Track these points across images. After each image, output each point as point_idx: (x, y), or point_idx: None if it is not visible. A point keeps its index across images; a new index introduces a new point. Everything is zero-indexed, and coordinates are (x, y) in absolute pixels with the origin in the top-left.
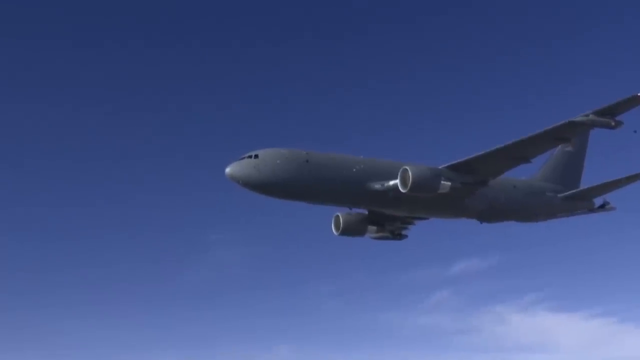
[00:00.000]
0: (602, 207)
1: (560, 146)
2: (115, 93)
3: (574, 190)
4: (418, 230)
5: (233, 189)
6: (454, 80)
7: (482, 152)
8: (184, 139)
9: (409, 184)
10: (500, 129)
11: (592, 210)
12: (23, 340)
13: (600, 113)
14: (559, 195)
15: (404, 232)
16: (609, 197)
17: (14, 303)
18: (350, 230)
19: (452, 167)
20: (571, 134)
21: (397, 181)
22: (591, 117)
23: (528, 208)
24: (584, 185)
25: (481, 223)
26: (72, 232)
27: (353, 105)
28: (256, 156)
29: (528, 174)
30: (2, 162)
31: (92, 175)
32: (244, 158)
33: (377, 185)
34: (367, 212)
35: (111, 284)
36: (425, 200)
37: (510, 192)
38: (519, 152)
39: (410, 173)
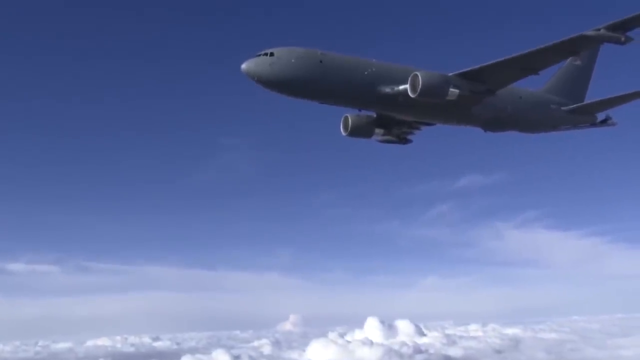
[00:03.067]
0: (604, 122)
1: (569, 60)
2: None
3: (578, 104)
4: (424, 136)
5: (245, 93)
6: None
7: (492, 62)
8: (199, 41)
9: (419, 90)
10: (510, 41)
11: (594, 124)
12: (40, 236)
13: (612, 28)
14: (563, 108)
15: (409, 137)
16: (612, 112)
17: (35, 198)
18: (358, 131)
19: (462, 75)
20: (582, 47)
21: (407, 86)
22: (602, 31)
23: (532, 119)
24: (588, 100)
25: (485, 131)
26: (88, 129)
27: (370, 11)
28: (272, 54)
29: (534, 85)
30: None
31: (107, 76)
32: (260, 55)
33: (387, 89)
34: (375, 115)
35: (123, 182)
36: (433, 106)
37: (515, 103)
38: (528, 64)
39: (420, 79)
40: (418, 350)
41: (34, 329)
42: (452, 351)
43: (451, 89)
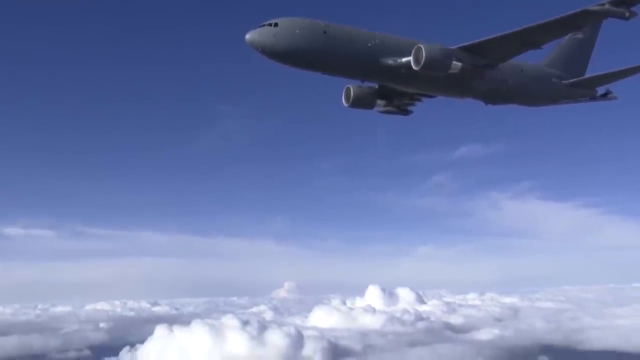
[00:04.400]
0: (605, 96)
1: (570, 34)
2: None
3: (579, 78)
4: (423, 107)
5: (243, 61)
6: None
7: (495, 35)
8: (197, 10)
9: (422, 62)
10: (512, 15)
11: (594, 98)
12: (35, 200)
13: (616, 3)
14: (564, 82)
15: (410, 108)
16: (612, 87)
17: (30, 163)
18: (360, 102)
19: (464, 49)
20: (585, 22)
21: (410, 58)
22: (607, 6)
23: (533, 92)
24: (589, 74)
25: (486, 104)
26: (86, 95)
27: None
28: (276, 24)
29: (535, 59)
30: None
31: (105, 42)
32: (263, 26)
33: (390, 61)
34: (377, 86)
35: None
36: (435, 78)
37: (517, 76)
38: (531, 38)
39: (423, 51)
40: (419, 317)
41: (31, 293)
42: (453, 319)
43: (454, 62)
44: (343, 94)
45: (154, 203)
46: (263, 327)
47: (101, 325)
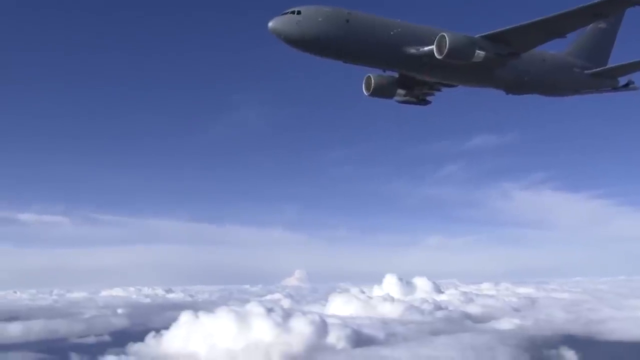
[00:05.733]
0: (626, 86)
1: (593, 23)
2: None
3: (601, 68)
4: (443, 98)
5: (261, 48)
6: None
7: (519, 24)
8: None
9: (445, 51)
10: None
11: (616, 88)
12: (48, 187)
13: None
14: (586, 71)
15: (428, 98)
16: (634, 77)
17: (43, 149)
18: (380, 91)
19: (488, 37)
20: (611, 11)
21: (433, 47)
22: None
23: (555, 82)
24: (611, 64)
25: (507, 94)
26: (100, 82)
27: None
28: (299, 12)
29: (557, 48)
30: None
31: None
32: (286, 13)
33: (412, 50)
34: (397, 76)
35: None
36: (458, 67)
37: (539, 66)
38: (556, 27)
39: (447, 39)
40: (438, 307)
41: (47, 278)
42: (471, 308)
43: (477, 51)
44: (363, 83)
45: (165, 190)
46: (287, 314)
47: (119, 311)
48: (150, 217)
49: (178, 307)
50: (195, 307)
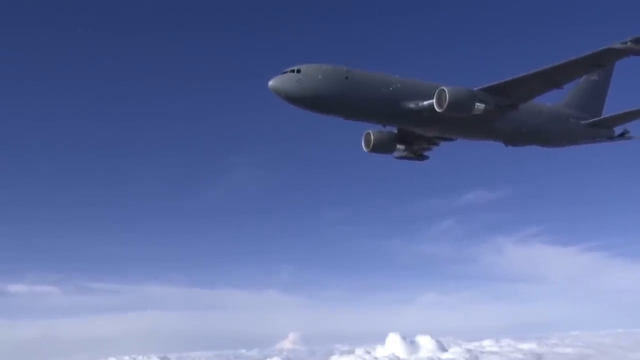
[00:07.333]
0: (622, 135)
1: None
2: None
3: (597, 118)
4: (437, 152)
5: (259, 109)
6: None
7: (518, 76)
8: (213, 60)
9: (445, 104)
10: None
11: (612, 138)
12: (40, 257)
13: (639, 40)
14: (582, 122)
15: (426, 154)
16: (629, 126)
17: (35, 218)
18: (380, 147)
19: (487, 90)
20: (608, 60)
21: (433, 101)
22: (630, 44)
23: (552, 133)
24: (605, 113)
25: (506, 146)
26: (93, 146)
27: (393, 28)
28: (298, 71)
29: (552, 100)
30: None
31: (116, 92)
32: (286, 72)
33: (412, 105)
34: (396, 131)
35: (132, 200)
36: (458, 120)
37: (536, 117)
38: (554, 77)
39: (447, 93)
40: None
41: (37, 351)
42: None
43: (477, 104)
44: (363, 139)
45: (160, 255)
46: None
47: None
48: (143, 282)
49: None
50: None
